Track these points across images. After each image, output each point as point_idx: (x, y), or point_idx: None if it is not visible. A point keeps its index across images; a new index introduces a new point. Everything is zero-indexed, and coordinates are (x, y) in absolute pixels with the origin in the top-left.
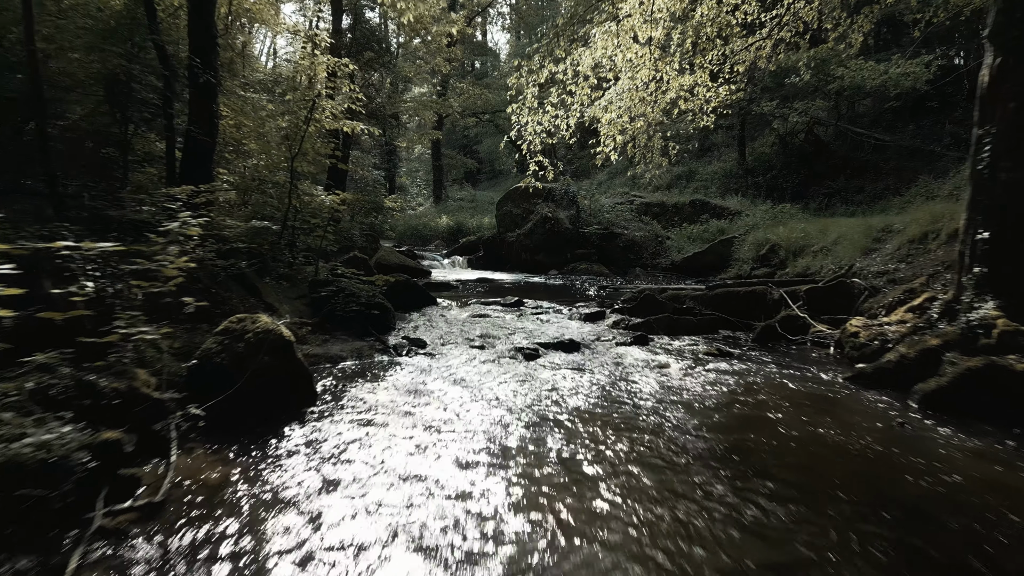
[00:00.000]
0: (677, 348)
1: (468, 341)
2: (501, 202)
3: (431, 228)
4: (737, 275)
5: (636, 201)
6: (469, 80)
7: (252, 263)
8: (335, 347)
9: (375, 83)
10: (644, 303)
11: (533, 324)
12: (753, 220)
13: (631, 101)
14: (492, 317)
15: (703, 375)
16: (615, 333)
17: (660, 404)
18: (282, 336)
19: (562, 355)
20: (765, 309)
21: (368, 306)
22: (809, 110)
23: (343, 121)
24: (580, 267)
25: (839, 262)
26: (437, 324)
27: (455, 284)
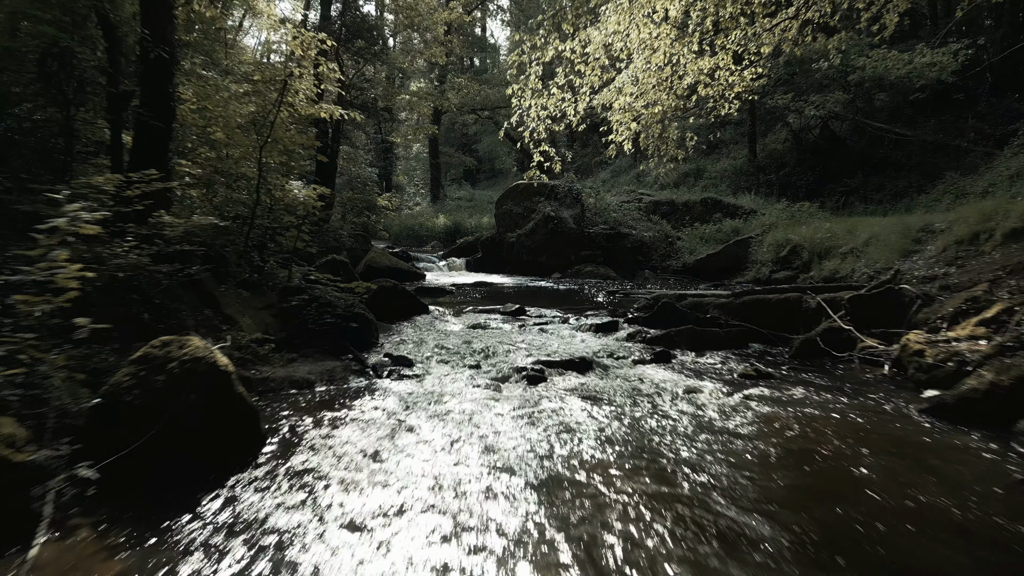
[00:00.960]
0: (706, 367)
1: (462, 359)
2: (500, 200)
3: (427, 228)
4: (755, 278)
5: (644, 199)
6: (468, 76)
7: (209, 268)
8: (302, 368)
9: (367, 74)
10: (662, 312)
11: (537, 337)
12: (769, 219)
13: (644, 86)
14: (490, 328)
15: (745, 405)
16: (632, 348)
17: (701, 453)
18: (216, 366)
19: (572, 377)
20: (801, 319)
21: (345, 318)
22: (826, 103)
23: (320, 106)
24: (585, 270)
25: (874, 265)
26: (427, 337)
27: (450, 289)
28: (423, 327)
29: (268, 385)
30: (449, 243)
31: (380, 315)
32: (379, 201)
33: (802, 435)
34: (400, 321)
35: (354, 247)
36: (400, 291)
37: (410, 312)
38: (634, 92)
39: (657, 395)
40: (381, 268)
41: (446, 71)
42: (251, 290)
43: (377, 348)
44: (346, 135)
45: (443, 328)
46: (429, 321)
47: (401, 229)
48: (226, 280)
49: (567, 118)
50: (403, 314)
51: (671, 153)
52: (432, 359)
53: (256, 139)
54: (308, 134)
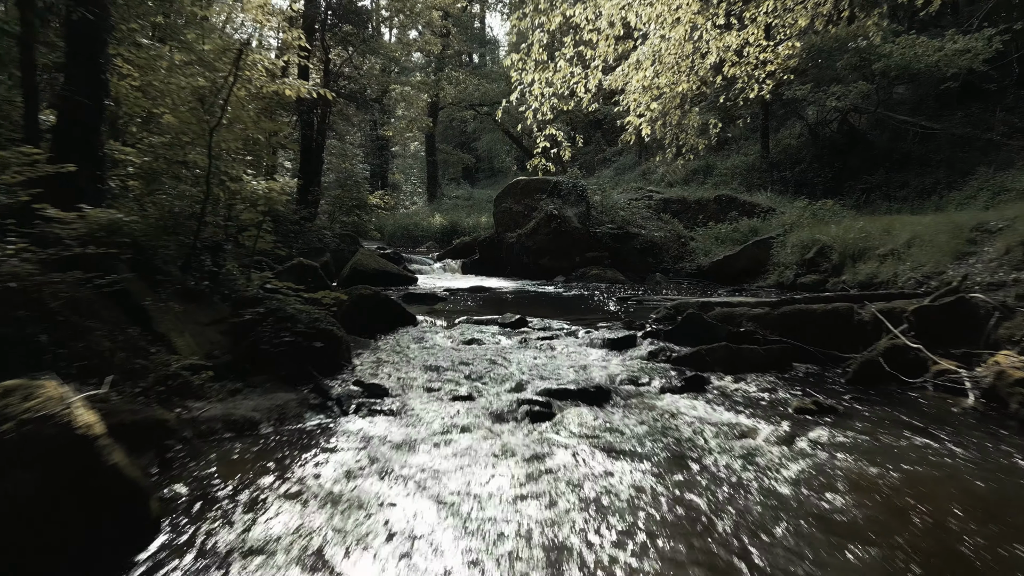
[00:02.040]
0: (750, 397)
1: (450, 386)
2: (499, 198)
3: (423, 228)
4: (778, 282)
5: (654, 197)
6: (466, 70)
7: (143, 274)
8: (246, 403)
9: (356, 63)
10: (687, 325)
11: (541, 355)
12: (789, 218)
13: (661, 65)
14: (486, 344)
15: (815, 458)
16: (655, 371)
17: (777, 546)
18: (70, 429)
19: (586, 412)
20: (853, 334)
21: (307, 335)
22: (849, 94)
23: (283, 81)
24: (591, 273)
25: (920, 269)
26: (411, 356)
27: (443, 295)
28: (407, 343)
29: (195, 428)
30: (445, 244)
31: (358, 328)
32: (370, 199)
33: (913, 512)
34: (381, 335)
35: (341, 248)
36: (382, 300)
37: (394, 324)
38: (657, 68)
39: (700, 442)
40: (368, 271)
41: (443, 63)
42: (198, 301)
43: (347, 372)
44: (333, 127)
45: (431, 344)
46: (416, 335)
47: (395, 229)
48: (166, 290)
49: (576, 97)
50: (385, 326)
51: (690, 143)
52: (413, 386)
53: (207, 121)
54: (278, 119)
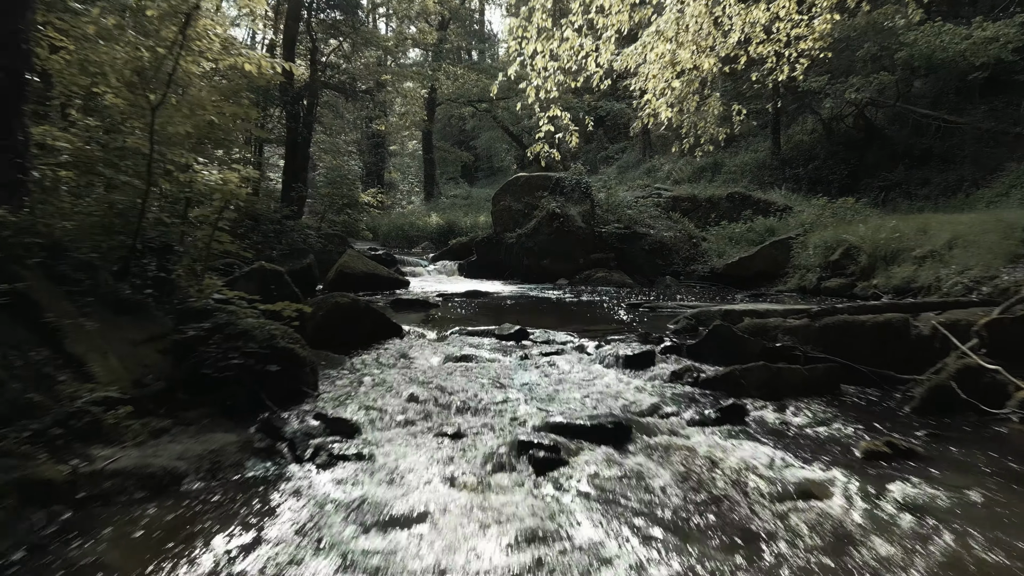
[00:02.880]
0: (802, 434)
1: (435, 420)
2: (498, 195)
3: (419, 228)
4: (799, 286)
5: (663, 195)
6: (464, 65)
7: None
8: (173, 447)
9: (347, 52)
10: (713, 339)
11: (544, 376)
12: (807, 217)
13: (686, 34)
14: (481, 361)
15: (911, 528)
16: (682, 397)
17: None
18: None
19: (602, 457)
20: (911, 352)
21: (262, 356)
22: (869, 86)
23: (240, 53)
24: (596, 275)
25: (968, 273)
26: (390, 379)
27: (436, 301)
28: (389, 361)
29: (96, 487)
30: (442, 244)
31: (331, 343)
32: (362, 197)
33: None
34: (360, 351)
35: (328, 249)
36: (361, 309)
37: (377, 336)
38: (681, 38)
39: (755, 507)
40: (355, 275)
41: (441, 55)
42: (133, 314)
43: (311, 400)
44: (320, 121)
45: (417, 362)
46: (400, 350)
47: (390, 229)
48: (91, 300)
49: (586, 72)
50: (365, 340)
51: (709, 133)
52: (390, 420)
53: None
54: (243, 103)
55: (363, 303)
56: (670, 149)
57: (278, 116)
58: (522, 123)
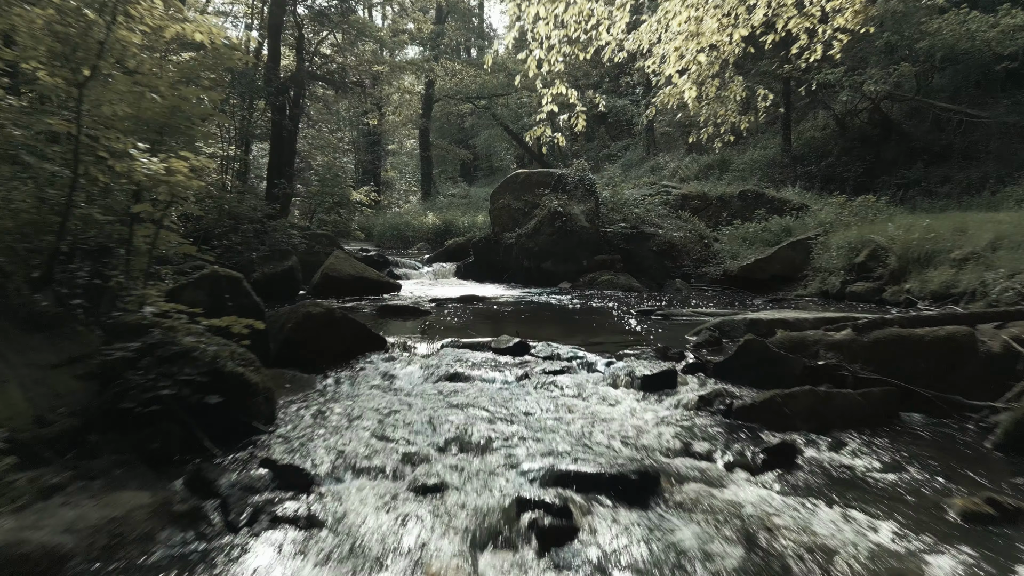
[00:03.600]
0: (870, 481)
1: (413, 463)
2: (497, 193)
3: (414, 228)
4: (821, 290)
5: (672, 193)
6: (463, 61)
7: None
8: (64, 513)
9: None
10: (746, 357)
11: (548, 401)
12: (825, 216)
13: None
14: (474, 381)
15: None
16: (715, 431)
17: None
18: None
19: (626, 524)
20: (980, 372)
21: (200, 385)
22: (889, 77)
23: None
24: (601, 278)
25: (1020, 278)
26: (363, 409)
27: (428, 307)
28: (367, 382)
29: None
30: (438, 245)
31: (303, 360)
32: (353, 195)
33: None
34: (335, 369)
35: (315, 250)
36: (338, 320)
37: (356, 351)
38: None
39: None
40: (341, 278)
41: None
42: (48, 331)
43: (263, 437)
44: (307, 113)
45: (399, 383)
46: (381, 368)
47: (385, 229)
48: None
49: (597, 43)
50: (343, 355)
51: (730, 120)
52: (357, 466)
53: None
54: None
55: (339, 313)
56: (675, 146)
57: (263, 108)
58: (522, 121)
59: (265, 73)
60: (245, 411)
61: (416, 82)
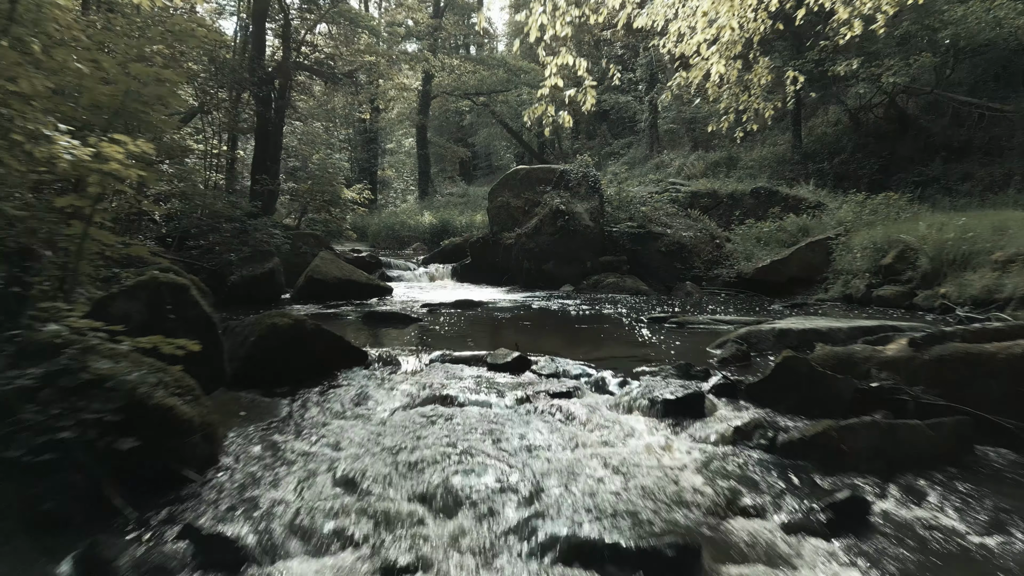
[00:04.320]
0: (971, 550)
1: (381, 529)
2: (495, 191)
3: (410, 228)
4: (844, 294)
5: (681, 190)
6: (461, 55)
7: None
8: None
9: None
10: (785, 376)
11: (554, 437)
12: (846, 215)
13: None
14: (466, 406)
15: None
16: (762, 475)
17: None
18: None
19: None
20: None
21: (112, 426)
22: (910, 68)
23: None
24: (606, 281)
25: None
26: (328, 445)
27: (419, 313)
28: (338, 408)
29: None
30: (435, 245)
31: (266, 380)
32: (345, 193)
33: None
34: (304, 389)
35: (303, 251)
36: (310, 333)
37: (331, 367)
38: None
39: None
40: (327, 281)
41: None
42: None
43: (194, 487)
44: (295, 106)
45: (376, 409)
46: (358, 389)
47: (380, 228)
48: None
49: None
50: (316, 373)
51: (753, 106)
52: (309, 532)
53: None
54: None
55: (311, 325)
56: (680, 143)
57: (247, 100)
58: (521, 119)
59: (249, 62)
60: (174, 455)
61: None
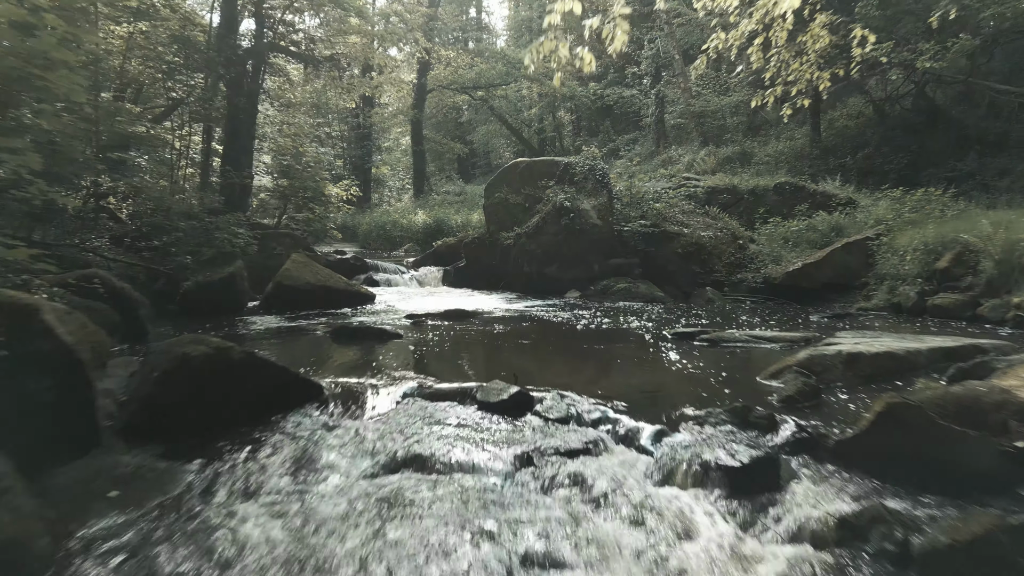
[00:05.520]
0: None
1: None
2: (492, 186)
3: (403, 227)
4: (891, 303)
5: (700, 185)
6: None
7: None
8: None
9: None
10: (894, 432)
11: (569, 531)
12: (883, 212)
13: None
14: (444, 474)
15: None
16: None
17: None
18: None
19: None
20: None
21: None
22: (947, 52)
23: None
24: (617, 287)
25: None
26: (235, 547)
27: (401, 326)
28: (262, 477)
29: None
30: (429, 246)
31: (174, 430)
32: (329, 189)
33: None
34: (227, 442)
35: (276, 252)
36: (239, 364)
37: (271, 407)
38: None
39: None
40: (298, 287)
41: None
42: None
43: None
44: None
45: (319, 478)
46: (299, 445)
47: (371, 228)
48: None
49: None
50: (248, 416)
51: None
52: None
53: None
54: None
55: (239, 354)
56: (688, 138)
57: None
58: (521, 115)
59: (217, 41)
60: None
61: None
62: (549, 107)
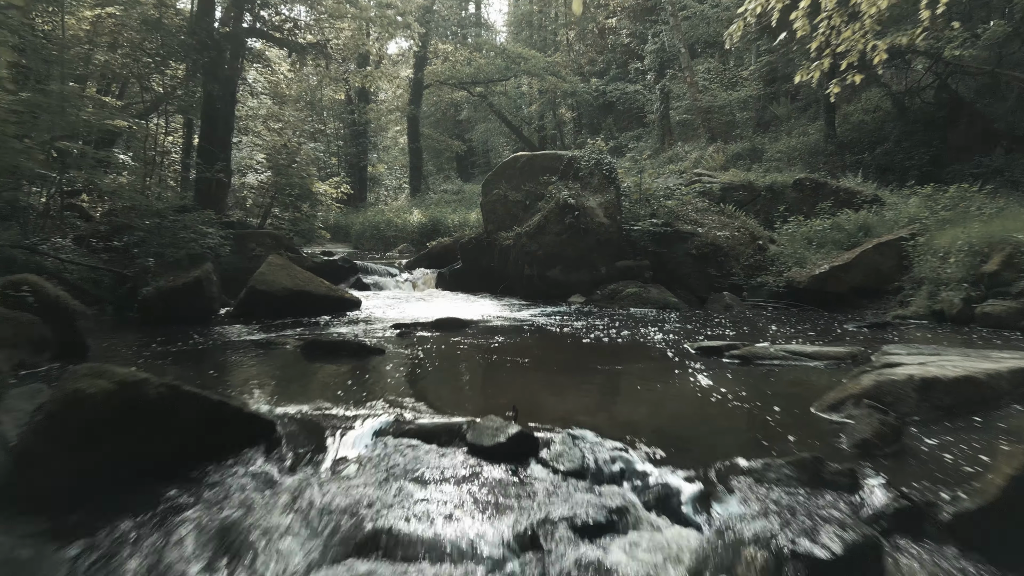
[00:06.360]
0: None
1: None
2: (490, 182)
3: (397, 227)
4: (932, 310)
5: (715, 183)
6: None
7: None
8: None
9: None
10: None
11: None
12: (914, 210)
13: None
14: (415, 566)
15: None
16: None
17: None
18: None
19: None
20: None
21: None
22: (978, 39)
23: None
24: (625, 292)
25: None
26: None
27: (385, 338)
28: (154, 564)
29: None
30: (424, 246)
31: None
32: (317, 186)
33: None
34: (128, 514)
35: (255, 254)
36: (158, 403)
37: (201, 453)
38: None
39: None
40: (274, 293)
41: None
42: None
43: None
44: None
45: (239, 568)
46: (226, 515)
47: (364, 228)
48: None
49: None
50: (167, 468)
51: (859, 46)
52: None
53: None
54: None
55: (157, 390)
56: (695, 135)
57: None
58: (521, 112)
59: (190, 26)
60: None
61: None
62: (550, 104)
